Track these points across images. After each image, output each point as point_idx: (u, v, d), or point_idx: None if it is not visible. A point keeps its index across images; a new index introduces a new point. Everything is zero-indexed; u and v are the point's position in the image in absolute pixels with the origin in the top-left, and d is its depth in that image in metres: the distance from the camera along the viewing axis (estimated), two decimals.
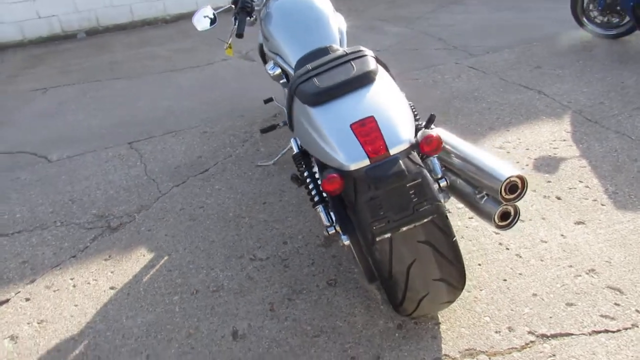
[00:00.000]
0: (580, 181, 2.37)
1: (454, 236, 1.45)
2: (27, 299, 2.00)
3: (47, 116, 3.88)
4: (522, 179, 1.50)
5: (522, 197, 1.51)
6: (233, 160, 2.89)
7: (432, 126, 1.93)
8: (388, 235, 1.31)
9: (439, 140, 1.35)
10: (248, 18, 2.34)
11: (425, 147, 1.33)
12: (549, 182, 2.39)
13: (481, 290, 1.82)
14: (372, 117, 1.37)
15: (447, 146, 1.79)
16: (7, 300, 2.00)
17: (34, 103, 4.19)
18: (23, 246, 2.32)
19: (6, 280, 2.11)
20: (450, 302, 1.58)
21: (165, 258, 2.14)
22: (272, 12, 2.25)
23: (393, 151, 1.32)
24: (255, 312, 1.83)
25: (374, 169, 1.29)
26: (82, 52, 5.65)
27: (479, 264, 1.94)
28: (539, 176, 2.44)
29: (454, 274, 1.46)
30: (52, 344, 1.78)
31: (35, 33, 6.23)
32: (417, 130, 1.73)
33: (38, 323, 1.87)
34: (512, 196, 1.50)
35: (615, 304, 1.71)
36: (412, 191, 1.30)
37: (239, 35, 2.21)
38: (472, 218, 2.20)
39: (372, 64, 1.53)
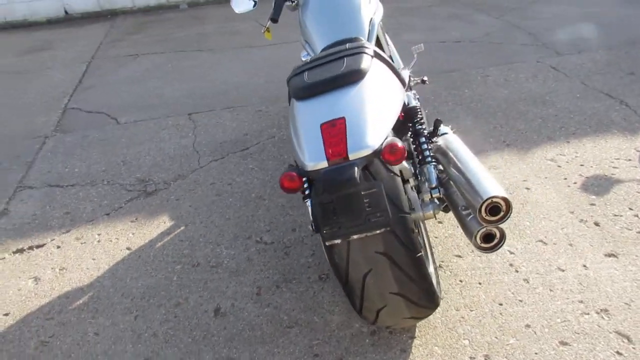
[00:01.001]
0: (631, 209, 2.10)
1: (419, 252, 1.37)
2: (58, 247, 2.23)
3: (131, 81, 4.20)
4: (506, 202, 1.37)
5: (505, 221, 1.38)
6: (274, 141, 2.94)
7: (445, 130, 1.82)
8: (338, 240, 1.28)
9: (403, 151, 1.27)
10: (288, 2, 2.34)
11: (388, 155, 1.26)
12: (593, 205, 2.15)
13: (471, 310, 1.71)
14: (343, 118, 1.33)
15: (450, 154, 1.68)
16: (42, 245, 2.24)
17: (124, 68, 4.56)
18: (71, 198, 2.58)
19: (48, 227, 2.36)
20: (418, 318, 1.51)
21: (182, 228, 2.27)
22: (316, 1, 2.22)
23: (352, 156, 1.27)
24: (243, 293, 1.88)
25: (329, 173, 1.26)
26: (180, 23, 6.00)
27: (480, 283, 1.82)
28: (583, 197, 2.20)
29: (415, 291, 1.39)
30: (64, 290, 1.97)
31: (144, 1, 6.71)
32: (417, 136, 1.65)
33: (59, 270, 2.09)
34: (492, 218, 1.38)
35: (618, 352, 1.52)
36: (367, 200, 1.24)
37: (273, 20, 2.22)
38: None
39: (364, 62, 1.47)
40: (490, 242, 1.44)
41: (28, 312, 1.88)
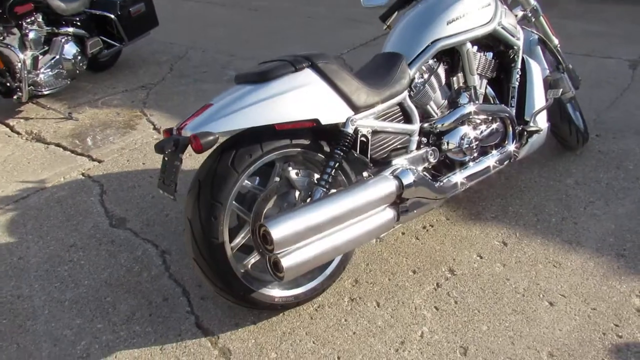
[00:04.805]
0: None
1: (217, 239, 1.57)
2: None
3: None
4: (273, 242, 1.39)
5: (269, 254, 1.44)
6: None
7: (406, 176, 1.72)
8: (160, 190, 1.60)
9: (197, 146, 1.47)
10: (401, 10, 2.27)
11: (191, 144, 1.48)
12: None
13: (324, 331, 1.71)
14: (211, 104, 1.60)
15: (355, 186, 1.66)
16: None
17: None
18: None
19: None
20: (225, 298, 1.69)
21: None
22: (409, 12, 2.15)
23: (183, 133, 1.54)
24: None
25: (167, 137, 1.58)
26: None
27: (354, 333, 1.72)
28: (596, 351, 1.59)
29: (206, 268, 1.60)
30: None
31: None
32: (328, 158, 1.67)
33: None
34: (264, 244, 1.45)
35: None
36: (173, 169, 1.56)
37: (381, 18, 2.26)
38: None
39: (276, 70, 1.61)
40: (279, 272, 1.49)
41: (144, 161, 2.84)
